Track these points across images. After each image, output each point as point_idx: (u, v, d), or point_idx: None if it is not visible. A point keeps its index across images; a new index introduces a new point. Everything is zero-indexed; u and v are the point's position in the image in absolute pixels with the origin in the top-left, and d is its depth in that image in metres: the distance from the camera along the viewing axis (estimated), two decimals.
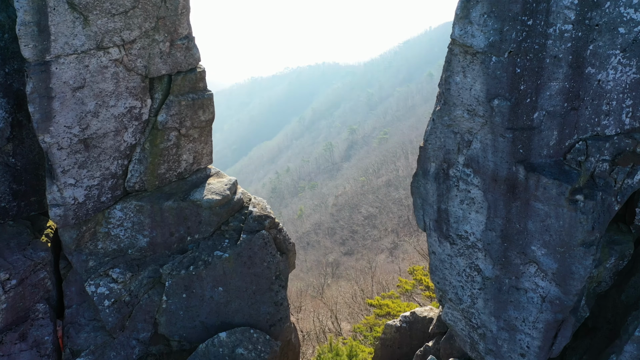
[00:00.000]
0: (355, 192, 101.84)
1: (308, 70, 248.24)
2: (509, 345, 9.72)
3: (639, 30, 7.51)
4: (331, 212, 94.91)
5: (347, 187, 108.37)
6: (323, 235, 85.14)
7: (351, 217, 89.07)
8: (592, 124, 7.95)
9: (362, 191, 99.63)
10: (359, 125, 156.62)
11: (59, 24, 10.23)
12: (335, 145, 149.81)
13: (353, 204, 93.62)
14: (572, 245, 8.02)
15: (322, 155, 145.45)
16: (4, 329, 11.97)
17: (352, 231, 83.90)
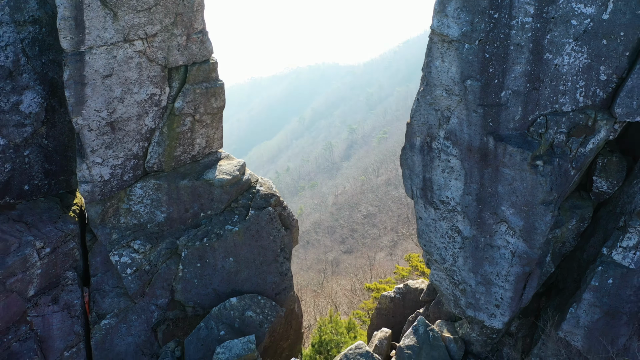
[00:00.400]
0: (355, 191, 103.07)
1: (308, 70, 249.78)
2: (485, 298, 11.26)
3: (588, 22, 9.07)
4: (331, 211, 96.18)
5: (347, 186, 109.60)
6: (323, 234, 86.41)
7: (351, 215, 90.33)
8: (551, 101, 9.50)
9: (362, 190, 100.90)
10: (358, 124, 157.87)
11: (93, 19, 11.78)
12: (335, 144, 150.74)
13: (353, 203, 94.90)
14: (535, 204, 9.56)
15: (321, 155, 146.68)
16: (38, 292, 13.49)
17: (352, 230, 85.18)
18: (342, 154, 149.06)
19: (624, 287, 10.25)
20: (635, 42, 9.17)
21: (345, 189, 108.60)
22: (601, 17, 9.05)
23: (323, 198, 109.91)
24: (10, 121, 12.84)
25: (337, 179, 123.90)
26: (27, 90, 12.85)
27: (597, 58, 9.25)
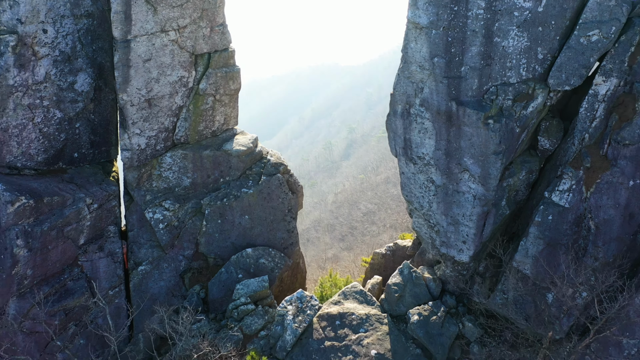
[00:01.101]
0: (355, 189, 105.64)
1: (307, 70, 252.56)
2: (454, 236, 14.24)
3: (527, 13, 12.05)
4: (330, 209, 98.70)
5: (347, 184, 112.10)
6: (323, 232, 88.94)
7: (350, 213, 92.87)
8: (501, 75, 12.48)
9: (361, 188, 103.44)
10: (358, 124, 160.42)
11: (138, 13, 14.77)
12: (334, 144, 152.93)
13: (352, 201, 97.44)
14: (488, 154, 12.54)
15: (321, 154, 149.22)
16: (87, 241, 16.44)
17: (352, 227, 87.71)
18: (341, 153, 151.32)
19: (561, 222, 13.21)
20: (563, 29, 12.16)
21: (345, 188, 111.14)
22: (537, 9, 12.04)
23: (323, 196, 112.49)
24: (66, 97, 15.81)
25: (337, 178, 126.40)
26: (80, 72, 15.82)
27: (535, 41, 12.24)
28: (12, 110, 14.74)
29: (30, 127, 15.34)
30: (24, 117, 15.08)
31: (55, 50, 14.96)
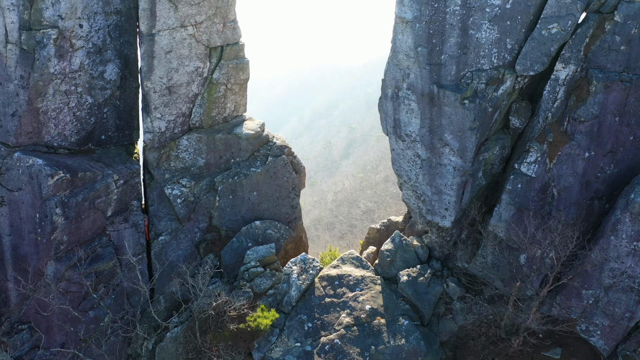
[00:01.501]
0: (354, 187, 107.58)
1: (307, 70, 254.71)
2: (438, 204, 16.48)
3: (497, 9, 14.29)
4: (330, 208, 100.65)
5: (346, 183, 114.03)
6: (322, 230, 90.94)
7: (350, 212, 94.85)
8: (475, 62, 14.73)
9: (361, 187, 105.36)
10: (357, 124, 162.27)
11: (161, 10, 17.02)
12: (334, 143, 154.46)
13: (352, 200, 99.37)
14: (465, 130, 14.78)
15: (321, 154, 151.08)
16: (114, 213, 18.64)
17: (351, 225, 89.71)
18: (341, 153, 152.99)
19: (529, 190, 15.46)
20: (528, 23, 14.42)
21: (345, 186, 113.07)
22: (505, 6, 14.30)
23: (323, 195, 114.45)
24: (97, 85, 18.04)
25: (337, 177, 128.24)
26: (109, 62, 18.06)
27: (504, 33, 14.50)
28: (52, 96, 16.97)
29: (65, 110, 17.58)
30: (61, 102, 17.31)
31: (89, 42, 17.20)
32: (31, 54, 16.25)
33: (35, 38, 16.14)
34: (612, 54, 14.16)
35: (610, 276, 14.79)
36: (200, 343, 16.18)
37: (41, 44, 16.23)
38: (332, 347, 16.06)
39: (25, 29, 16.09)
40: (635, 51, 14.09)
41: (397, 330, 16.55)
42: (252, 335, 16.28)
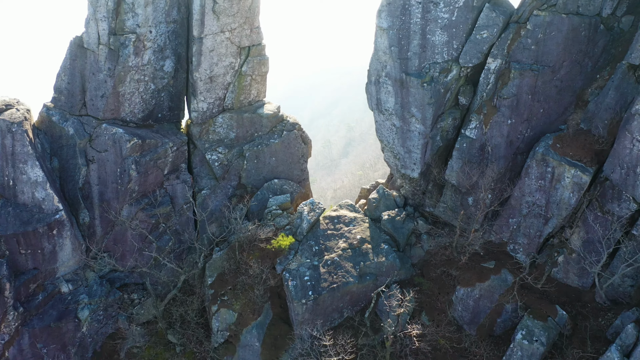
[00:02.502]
0: (353, 185, 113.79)
1: (307, 70, 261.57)
2: (409, 160, 23.43)
3: (446, 20, 21.26)
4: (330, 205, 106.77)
5: (345, 181, 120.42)
6: None
7: None
8: (431, 57, 21.69)
9: (360, 184, 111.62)
10: (356, 123, 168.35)
11: (208, 20, 23.96)
12: (333, 142, 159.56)
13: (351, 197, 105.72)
14: (424, 104, 21.75)
15: (321, 152, 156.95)
16: (169, 172, 25.48)
17: None
18: (340, 151, 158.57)
19: (471, 148, 22.40)
20: (467, 30, 21.37)
21: (344, 184, 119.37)
22: (452, 18, 21.26)
23: (322, 193, 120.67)
24: (158, 75, 24.94)
25: (336, 175, 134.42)
26: (167, 58, 24.97)
27: (451, 37, 21.46)
28: (128, 83, 23.90)
29: (136, 94, 24.49)
30: (134, 87, 24.22)
31: (155, 44, 24.11)
32: (116, 52, 23.18)
33: (119, 40, 23.07)
34: (525, 51, 21.10)
35: (526, 207, 21.72)
36: (239, 259, 23.11)
37: (124, 45, 23.16)
38: (332, 262, 22.96)
39: (112, 34, 23.03)
40: (542, 49, 21.01)
41: (379, 252, 23.44)
42: (275, 254, 23.19)
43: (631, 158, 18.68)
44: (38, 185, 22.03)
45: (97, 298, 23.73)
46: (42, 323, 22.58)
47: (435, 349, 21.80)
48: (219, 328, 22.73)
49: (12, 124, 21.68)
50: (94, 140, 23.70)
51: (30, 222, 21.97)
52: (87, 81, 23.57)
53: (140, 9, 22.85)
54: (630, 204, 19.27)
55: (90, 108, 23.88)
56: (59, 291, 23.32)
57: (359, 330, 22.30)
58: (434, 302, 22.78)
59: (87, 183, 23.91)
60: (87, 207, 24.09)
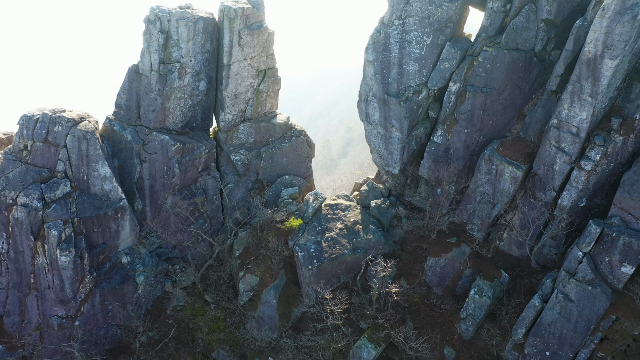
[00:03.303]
0: (351, 184, 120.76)
1: (306, 71, 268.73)
2: (391, 160, 31.09)
3: (417, 54, 28.88)
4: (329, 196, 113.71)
5: (344, 180, 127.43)
6: None
7: None
8: (407, 82, 29.29)
9: None
10: (355, 123, 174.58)
11: (235, 51, 31.49)
12: (332, 142, 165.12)
13: None
14: (402, 118, 29.34)
15: (320, 152, 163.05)
16: (202, 170, 33.02)
17: None
18: (339, 151, 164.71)
19: (438, 151, 29.88)
20: (433, 61, 28.98)
21: (343, 183, 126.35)
22: (422, 53, 28.89)
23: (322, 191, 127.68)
24: (194, 93, 32.46)
25: (335, 174, 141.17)
26: (202, 80, 32.51)
27: (422, 67, 29.10)
28: (172, 100, 31.44)
29: (178, 109, 32.04)
30: (176, 104, 31.76)
31: (193, 69, 31.64)
32: (164, 77, 30.72)
33: (167, 68, 30.62)
34: (477, 77, 28.67)
35: (479, 196, 29.31)
36: (259, 236, 30.72)
37: (170, 71, 30.71)
38: (331, 239, 30.53)
39: (162, 63, 30.57)
40: (490, 76, 28.54)
41: (368, 231, 31.01)
42: (288, 232, 30.76)
43: (550, 158, 26.30)
44: (106, 180, 29.58)
45: (149, 267, 31.30)
46: (109, 285, 30.17)
47: (410, 305, 29.39)
48: (244, 289, 30.34)
49: (86, 133, 29.23)
50: (146, 144, 31.25)
51: (101, 207, 29.54)
52: (141, 99, 31.15)
53: (183, 44, 30.43)
54: (551, 192, 26.87)
55: (144, 120, 31.46)
56: (120, 262, 30.90)
57: (353, 291, 29.89)
58: (410, 269, 30.37)
59: (141, 178, 31.47)
60: (140, 197, 31.66)
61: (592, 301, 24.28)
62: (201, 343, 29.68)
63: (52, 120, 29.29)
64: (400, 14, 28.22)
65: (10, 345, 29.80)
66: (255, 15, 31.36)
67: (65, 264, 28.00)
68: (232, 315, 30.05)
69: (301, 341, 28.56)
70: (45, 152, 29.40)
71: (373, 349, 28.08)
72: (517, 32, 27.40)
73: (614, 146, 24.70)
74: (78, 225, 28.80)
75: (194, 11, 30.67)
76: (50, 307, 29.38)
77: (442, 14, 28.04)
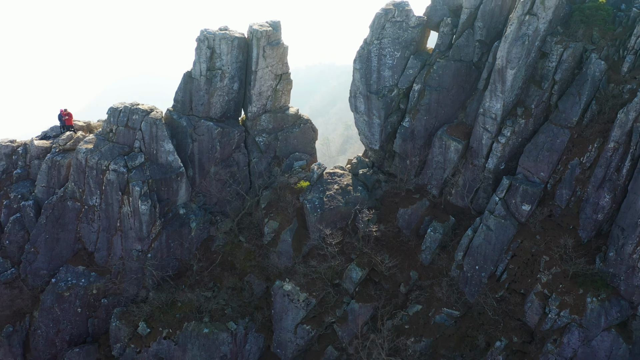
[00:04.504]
0: None
1: (305, 70, 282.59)
2: (373, 139, 44.99)
3: (390, 64, 42.82)
4: None
5: None
6: None
7: None
8: (383, 83, 43.08)
9: None
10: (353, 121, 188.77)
11: (260, 61, 44.85)
12: (331, 140, 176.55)
13: None
14: (380, 108, 42.98)
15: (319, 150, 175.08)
16: (234, 148, 46.80)
17: None
18: (338, 149, 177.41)
19: (407, 132, 43.49)
20: (402, 69, 42.87)
21: None
22: (393, 63, 42.69)
23: None
24: (230, 92, 46.10)
25: None
26: (235, 82, 46.05)
27: (394, 73, 42.78)
28: (215, 97, 45.16)
29: (218, 103, 45.72)
30: (217, 99, 45.29)
31: (229, 74, 45.27)
32: (210, 80, 44.49)
33: (212, 73, 44.36)
34: (433, 80, 42.29)
35: (434, 164, 42.98)
36: (279, 194, 44.61)
37: (214, 76, 44.47)
38: (330, 195, 44.20)
39: (208, 70, 44.30)
40: (442, 79, 42.12)
41: (357, 191, 44.76)
42: (299, 191, 44.45)
43: (479, 136, 40.11)
44: (170, 153, 43.32)
45: (198, 217, 44.91)
46: (172, 228, 43.92)
47: (387, 241, 43.12)
48: (268, 231, 44.08)
49: (155, 119, 43.00)
50: (196, 129, 44.96)
51: (167, 172, 43.25)
52: (193, 96, 44.92)
53: (224, 56, 44.25)
54: (482, 159, 40.62)
55: (194, 111, 45.19)
56: (179, 213, 44.61)
57: (346, 232, 43.67)
58: (387, 217, 44.13)
59: (192, 153, 45.16)
60: (191, 167, 45.36)
61: (505, 230, 38.09)
62: (238, 269, 43.51)
63: (131, 111, 43.10)
64: (378, 36, 42.19)
65: (100, 271, 43.53)
66: (275, 35, 45.24)
67: (144, 210, 41.80)
68: (259, 250, 43.78)
69: (309, 267, 42.38)
70: (126, 134, 43.19)
71: (360, 270, 41.83)
72: (460, 48, 41.27)
73: (519, 127, 38.55)
74: (151, 185, 42.57)
75: (231, 32, 44.53)
76: (131, 243, 43.14)
77: (407, 36, 42.02)
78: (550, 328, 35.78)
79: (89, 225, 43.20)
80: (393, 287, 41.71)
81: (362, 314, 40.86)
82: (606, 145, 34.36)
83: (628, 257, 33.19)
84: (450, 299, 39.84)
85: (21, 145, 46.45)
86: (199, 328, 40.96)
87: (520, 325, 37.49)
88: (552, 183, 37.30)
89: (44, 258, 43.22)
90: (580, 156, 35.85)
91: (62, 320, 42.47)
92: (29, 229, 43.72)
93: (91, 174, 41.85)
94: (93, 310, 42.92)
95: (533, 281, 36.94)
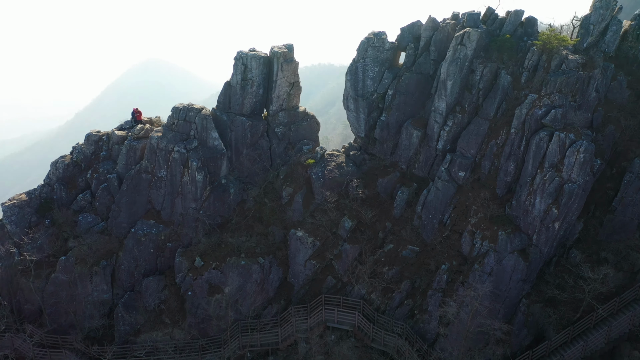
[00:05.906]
0: None
1: (304, 70, 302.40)
2: (359, 129, 65.09)
3: (372, 76, 63.87)
4: None
5: None
6: None
7: None
8: (367, 89, 62.89)
9: None
10: None
11: (278, 73, 65.06)
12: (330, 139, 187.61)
13: None
14: (364, 107, 63.88)
15: None
16: (259, 137, 67.48)
17: None
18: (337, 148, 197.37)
19: (385, 124, 63.97)
20: (380, 79, 63.67)
21: None
22: (374, 75, 63.51)
23: None
24: (257, 95, 66.03)
25: None
26: (261, 88, 65.34)
27: (374, 82, 62.88)
28: (246, 99, 65.09)
29: (248, 103, 65.17)
30: (248, 101, 65.29)
31: (257, 82, 64.66)
32: (244, 87, 64.67)
33: (245, 82, 64.62)
34: (402, 87, 61.82)
35: (404, 146, 63.18)
36: (293, 167, 65.34)
37: (247, 84, 64.78)
38: (330, 169, 64.76)
39: (242, 79, 65.02)
40: (408, 87, 61.70)
41: (348, 166, 64.24)
42: (307, 166, 64.03)
43: (432, 125, 59.92)
44: (215, 139, 63.65)
45: (235, 185, 65.62)
46: (217, 193, 64.19)
47: (370, 201, 63.55)
48: (285, 195, 64.44)
49: (206, 115, 63.43)
50: (233, 122, 65.55)
51: (213, 153, 63.99)
52: (231, 98, 65.41)
53: (254, 70, 64.88)
54: (434, 142, 61.04)
55: (232, 109, 65.37)
56: (221, 182, 65.35)
57: (341, 195, 64.45)
58: (370, 184, 64.46)
59: (230, 139, 65.37)
60: (230, 149, 65.67)
61: (448, 190, 58.77)
62: (264, 221, 64.33)
63: (188, 109, 63.94)
64: (363, 56, 63.07)
65: (165, 224, 64.18)
66: (289, 54, 65.94)
67: (200, 179, 62.42)
68: (279, 208, 64.06)
69: (315, 219, 63.26)
70: (184, 126, 63.91)
71: (351, 221, 62.34)
72: (420, 65, 62.17)
73: (457, 119, 59.17)
74: (203, 161, 63.33)
75: (258, 52, 65.44)
76: (189, 203, 63.64)
77: (383, 56, 62.90)
78: (477, 254, 56.21)
79: (157, 191, 63.76)
80: (374, 233, 62.28)
81: (352, 252, 61.37)
82: (510, 131, 55.17)
83: (523, 204, 53.94)
84: (413, 239, 60.32)
85: (104, 134, 67.22)
86: (238, 261, 61.42)
87: (458, 253, 57.95)
88: (478, 157, 57.90)
89: (125, 215, 63.62)
90: (496, 139, 56.51)
91: (139, 258, 62.74)
92: (114, 194, 64.08)
93: (160, 154, 62.53)
94: (161, 251, 63.29)
95: (466, 223, 57.33)
